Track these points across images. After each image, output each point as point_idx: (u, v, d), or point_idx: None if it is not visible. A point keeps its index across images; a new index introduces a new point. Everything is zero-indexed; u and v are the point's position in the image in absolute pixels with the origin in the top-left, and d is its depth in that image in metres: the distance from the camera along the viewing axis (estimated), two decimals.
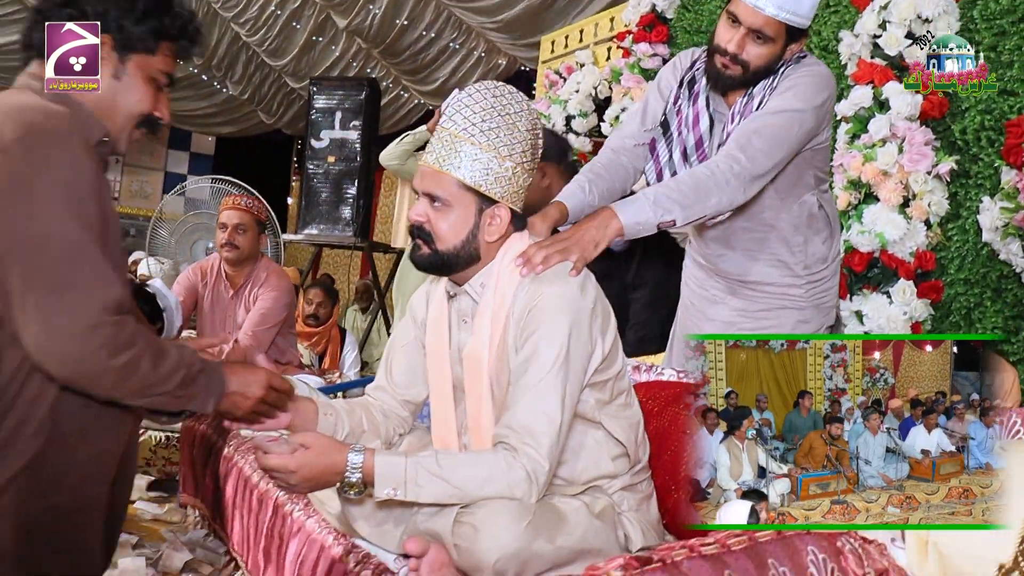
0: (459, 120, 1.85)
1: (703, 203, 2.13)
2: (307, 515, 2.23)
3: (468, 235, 1.89)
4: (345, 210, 6.33)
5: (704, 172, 2.17)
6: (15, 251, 1.37)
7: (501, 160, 1.84)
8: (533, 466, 1.72)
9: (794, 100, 2.25)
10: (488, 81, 1.93)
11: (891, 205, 3.07)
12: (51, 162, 1.42)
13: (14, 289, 1.38)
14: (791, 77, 2.30)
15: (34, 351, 1.38)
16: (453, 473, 1.71)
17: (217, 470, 2.94)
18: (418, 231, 1.91)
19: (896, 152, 3.06)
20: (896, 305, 3.02)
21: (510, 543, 1.66)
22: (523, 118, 1.89)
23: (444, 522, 1.72)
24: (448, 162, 1.85)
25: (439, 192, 1.87)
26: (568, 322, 1.81)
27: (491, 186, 1.85)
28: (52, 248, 1.39)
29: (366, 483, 1.71)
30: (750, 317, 2.58)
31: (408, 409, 2.14)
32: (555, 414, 1.76)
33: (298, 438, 1.71)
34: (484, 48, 8.08)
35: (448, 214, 1.87)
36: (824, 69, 2.36)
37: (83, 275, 1.41)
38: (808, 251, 2.51)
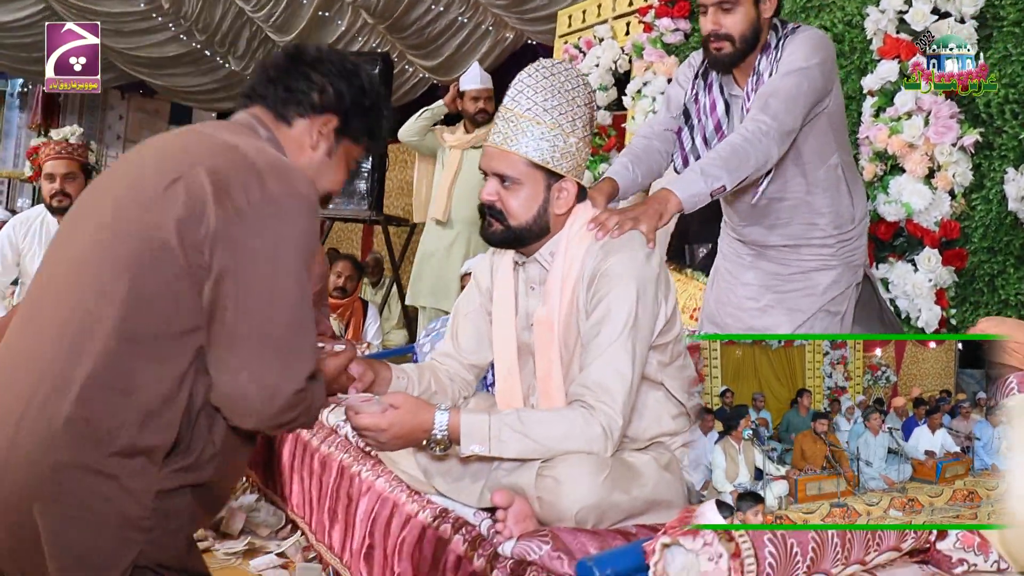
0: (522, 101, 1.95)
1: (745, 165, 2.27)
2: (376, 475, 2.34)
3: (539, 210, 1.99)
4: (360, 184, 6.37)
5: (737, 138, 2.31)
6: (249, 298, 1.43)
7: (565, 137, 1.94)
8: (608, 422, 1.83)
9: (796, 60, 2.41)
10: (544, 60, 2.02)
11: (917, 176, 3.17)
12: (299, 228, 1.48)
13: (235, 332, 1.42)
14: (791, 46, 2.46)
15: (230, 393, 1.43)
16: (534, 429, 1.82)
17: (269, 436, 3.04)
18: (489, 210, 2.00)
19: (922, 125, 3.15)
20: (921, 272, 3.13)
21: (590, 495, 1.77)
22: (580, 93, 1.99)
23: (527, 476, 1.83)
24: (515, 142, 1.93)
25: (508, 171, 1.96)
26: (636, 286, 1.91)
27: (558, 162, 1.95)
28: (286, 311, 1.45)
29: (451, 440, 1.82)
30: (784, 279, 2.72)
31: (473, 373, 2.24)
32: (627, 372, 1.87)
33: (388, 399, 1.81)
34: (491, 22, 8.11)
35: (518, 192, 1.97)
36: (818, 32, 2.54)
37: (304, 343, 1.49)
38: (837, 212, 2.65)
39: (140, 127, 11.84)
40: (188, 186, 1.44)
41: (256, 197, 1.45)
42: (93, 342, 1.39)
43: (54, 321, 1.44)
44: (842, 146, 2.66)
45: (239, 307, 1.43)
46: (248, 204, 1.44)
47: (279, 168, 1.51)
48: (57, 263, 1.55)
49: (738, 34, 2.46)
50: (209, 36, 9.77)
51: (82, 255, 1.48)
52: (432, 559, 1.96)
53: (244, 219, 1.43)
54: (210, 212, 1.42)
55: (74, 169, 4.00)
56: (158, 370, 1.40)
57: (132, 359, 1.39)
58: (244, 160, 1.49)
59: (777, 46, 2.48)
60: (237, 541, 2.82)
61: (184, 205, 1.43)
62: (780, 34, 2.50)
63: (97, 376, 1.37)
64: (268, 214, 1.45)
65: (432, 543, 1.98)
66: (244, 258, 1.43)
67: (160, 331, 1.41)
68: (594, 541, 1.71)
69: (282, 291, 1.45)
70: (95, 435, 1.36)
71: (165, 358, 1.41)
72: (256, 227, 1.44)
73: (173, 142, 1.61)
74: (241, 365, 1.43)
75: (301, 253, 1.49)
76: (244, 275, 1.43)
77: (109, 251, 1.45)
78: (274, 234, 1.45)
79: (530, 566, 1.71)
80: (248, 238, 1.43)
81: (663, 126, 2.69)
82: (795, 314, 2.68)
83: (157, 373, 1.40)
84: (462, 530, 1.93)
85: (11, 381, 1.43)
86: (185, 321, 1.42)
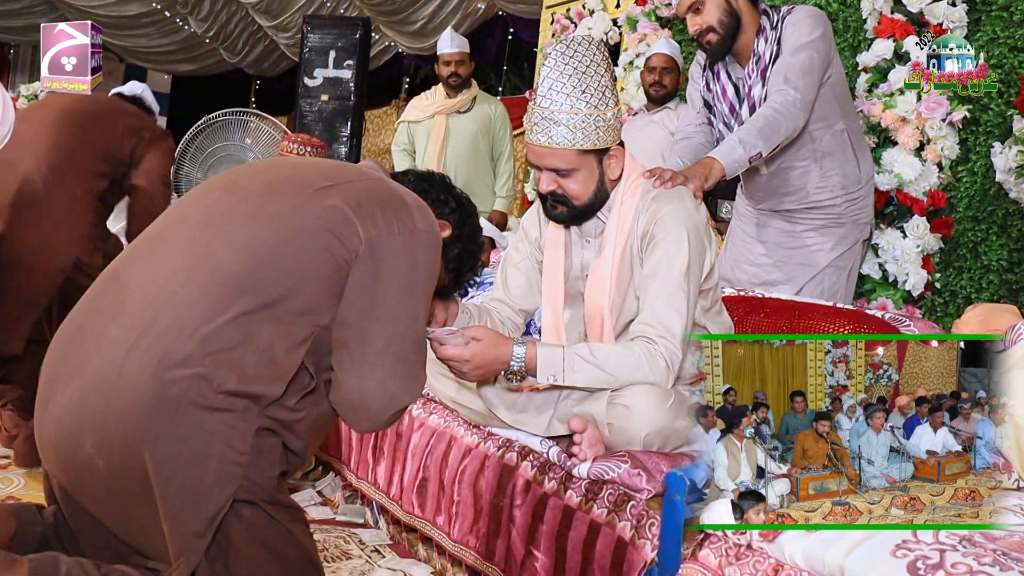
0: (555, 97, 2.02)
1: (777, 133, 2.53)
2: (428, 412, 2.47)
3: (598, 184, 2.12)
4: (340, 149, 6.46)
5: (769, 110, 2.55)
6: (386, 310, 1.58)
7: (603, 113, 2.04)
8: (670, 356, 1.99)
9: (801, 37, 2.67)
10: (559, 44, 2.08)
11: (908, 149, 3.40)
12: (432, 259, 1.66)
13: (368, 340, 1.57)
14: (789, 23, 2.72)
15: (353, 398, 1.58)
16: (605, 361, 1.97)
17: None
18: (552, 196, 2.12)
19: (914, 100, 3.38)
20: (910, 239, 3.36)
21: (657, 420, 1.94)
22: (601, 63, 2.07)
23: (597, 406, 1.99)
24: (560, 137, 2.02)
25: (561, 165, 2.07)
26: (689, 233, 2.07)
27: (601, 140, 2.06)
28: (415, 329, 1.62)
29: (527, 372, 1.97)
30: (795, 236, 2.96)
31: (522, 317, 2.39)
32: (684, 311, 2.03)
33: (470, 331, 1.94)
34: None
35: (575, 176, 2.09)
36: (813, 8, 2.80)
37: (424, 361, 1.67)
38: (844, 174, 2.92)
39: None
40: (343, 192, 1.61)
41: (408, 225, 1.62)
42: (224, 290, 1.47)
43: (181, 263, 1.52)
44: (847, 113, 2.90)
45: (375, 316, 1.57)
46: (399, 229, 1.60)
47: (423, 208, 1.69)
48: (184, 217, 1.63)
49: (716, 21, 2.72)
50: None
51: (219, 213, 1.59)
52: (497, 485, 2.10)
53: (393, 239, 1.59)
54: (361, 221, 1.57)
55: None
56: (280, 331, 1.50)
57: (258, 315, 1.48)
58: (394, 192, 1.68)
59: (775, 27, 2.71)
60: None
61: (337, 204, 1.58)
62: (774, 17, 2.75)
63: (225, 323, 1.46)
64: (414, 242, 1.62)
65: (496, 471, 2.12)
66: (387, 272, 1.58)
67: (290, 300, 1.51)
68: (666, 460, 1.87)
69: (414, 310, 1.62)
70: (208, 375, 1.43)
71: (288, 323, 1.51)
72: (402, 249, 1.60)
73: (319, 162, 1.80)
74: (371, 372, 1.57)
75: (431, 281, 1.67)
76: (384, 288, 1.57)
77: (255, 213, 1.57)
78: (414, 259, 1.62)
79: (607, 484, 1.86)
80: (393, 256, 1.59)
81: (696, 122, 2.99)
82: (806, 268, 2.92)
83: (278, 334, 1.50)
84: (529, 457, 2.07)
85: (123, 307, 1.49)
86: (316, 299, 1.54)
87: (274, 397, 1.51)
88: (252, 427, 1.49)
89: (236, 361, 1.46)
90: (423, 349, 1.68)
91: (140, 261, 1.59)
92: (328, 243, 1.55)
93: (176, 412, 1.42)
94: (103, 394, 1.42)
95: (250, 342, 1.47)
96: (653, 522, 1.73)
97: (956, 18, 3.33)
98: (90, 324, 1.52)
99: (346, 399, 1.59)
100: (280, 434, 1.55)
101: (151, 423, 1.41)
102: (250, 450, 1.48)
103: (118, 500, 1.47)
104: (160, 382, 1.41)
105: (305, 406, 1.58)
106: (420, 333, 1.65)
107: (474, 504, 2.18)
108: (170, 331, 1.44)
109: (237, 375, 1.45)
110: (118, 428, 1.41)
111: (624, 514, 1.79)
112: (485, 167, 4.98)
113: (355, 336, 1.57)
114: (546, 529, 1.94)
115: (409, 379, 1.62)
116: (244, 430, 1.47)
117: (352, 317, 1.57)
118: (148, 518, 1.44)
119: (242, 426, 1.47)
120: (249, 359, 1.47)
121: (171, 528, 1.43)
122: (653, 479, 1.81)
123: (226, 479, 1.46)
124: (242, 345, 1.47)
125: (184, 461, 1.43)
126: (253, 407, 1.48)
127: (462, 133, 4.92)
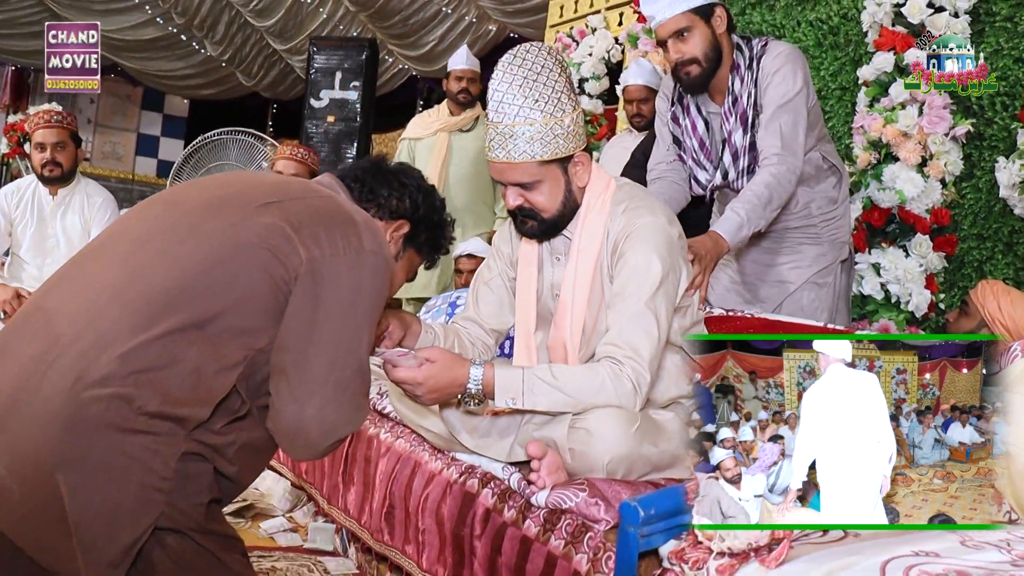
0: (507, 110, 1.92)
1: (775, 205, 2.55)
2: (395, 436, 2.37)
3: (565, 194, 2.02)
4: None
5: (771, 181, 2.54)
6: (325, 335, 1.49)
7: (559, 120, 1.94)
8: (637, 377, 1.88)
9: (788, 84, 2.61)
10: (506, 56, 1.97)
11: (910, 164, 3.28)
12: (379, 283, 1.56)
13: (307, 366, 1.48)
14: (768, 67, 2.64)
15: (290, 425, 1.49)
16: (566, 383, 1.87)
17: None
18: (520, 211, 2.03)
19: (916, 115, 3.26)
20: (913, 258, 3.24)
21: (621, 445, 1.83)
22: (551, 67, 1.96)
23: (558, 430, 1.89)
24: (518, 152, 1.93)
25: (523, 179, 1.97)
26: (661, 248, 1.97)
27: (562, 148, 1.96)
28: (356, 356, 1.52)
29: (485, 394, 1.87)
30: (771, 254, 2.93)
31: (493, 337, 2.28)
32: (653, 331, 1.92)
33: (423, 353, 1.85)
34: (475, 14, 8.16)
35: (541, 189, 1.99)
36: (789, 47, 2.71)
37: (366, 389, 1.57)
38: (823, 195, 2.87)
39: (112, 112, 11.69)
40: (285, 210, 1.52)
41: (353, 245, 1.53)
42: (151, 308, 1.40)
43: (111, 281, 1.45)
44: (821, 138, 2.86)
45: (315, 340, 1.48)
46: (344, 250, 1.52)
47: (372, 227, 1.60)
48: (123, 232, 1.56)
49: (701, 54, 2.62)
50: (188, 20, 9.71)
51: (157, 228, 1.52)
52: (459, 514, 2.00)
53: (336, 260, 1.50)
54: (302, 241, 1.48)
55: (64, 138, 3.96)
56: (210, 352, 1.42)
57: (187, 335, 1.41)
58: (342, 210, 1.59)
59: (750, 66, 2.65)
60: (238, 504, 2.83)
61: (277, 222, 1.49)
62: (748, 53, 2.67)
63: (148, 341, 1.38)
64: (359, 263, 1.53)
65: (458, 498, 2.02)
66: (328, 295, 1.49)
67: (223, 321, 1.44)
68: (628, 489, 1.76)
69: (357, 336, 1.53)
70: (128, 396, 1.36)
71: (220, 344, 1.43)
72: (346, 271, 1.51)
73: (265, 177, 1.70)
74: (309, 400, 1.48)
75: (377, 305, 1.57)
76: (325, 312, 1.49)
77: (191, 230, 1.49)
78: (359, 282, 1.52)
79: (564, 514, 1.76)
80: (336, 278, 1.50)
81: (667, 160, 2.90)
82: (785, 285, 2.88)
83: (208, 355, 1.42)
84: (490, 484, 1.97)
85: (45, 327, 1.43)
86: (252, 320, 1.46)
87: (199, 420, 1.43)
88: (176, 451, 1.41)
89: (160, 382, 1.38)
90: (366, 377, 1.58)
91: (68, 280, 1.52)
92: (265, 262, 1.47)
93: (93, 434, 1.34)
94: (18, 415, 1.35)
95: (176, 362, 1.40)
96: (610, 555, 1.63)
97: (959, 29, 3.22)
98: (13, 344, 1.45)
99: (283, 427, 1.50)
100: (210, 459, 1.47)
101: (65, 445, 1.33)
102: (174, 475, 1.40)
103: (33, 526, 1.40)
104: (76, 402, 1.34)
105: (233, 431, 1.49)
106: (363, 360, 1.56)
107: (439, 532, 2.08)
108: (90, 350, 1.37)
109: (160, 396, 1.38)
110: (31, 450, 1.34)
111: (581, 546, 1.69)
112: (486, 187, 4.89)
113: (293, 361, 1.48)
114: (504, 561, 1.84)
115: (350, 408, 1.53)
116: (167, 454, 1.39)
117: (291, 341, 1.48)
118: (63, 545, 1.37)
119: (164, 450, 1.39)
120: (174, 380, 1.39)
121: (85, 557, 1.36)
122: (612, 509, 1.71)
123: (146, 505, 1.39)
124: (167, 365, 1.39)
125: (100, 486, 1.36)
126: (178, 430, 1.41)
127: (464, 152, 4.84)
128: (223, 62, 10.56)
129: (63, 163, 3.96)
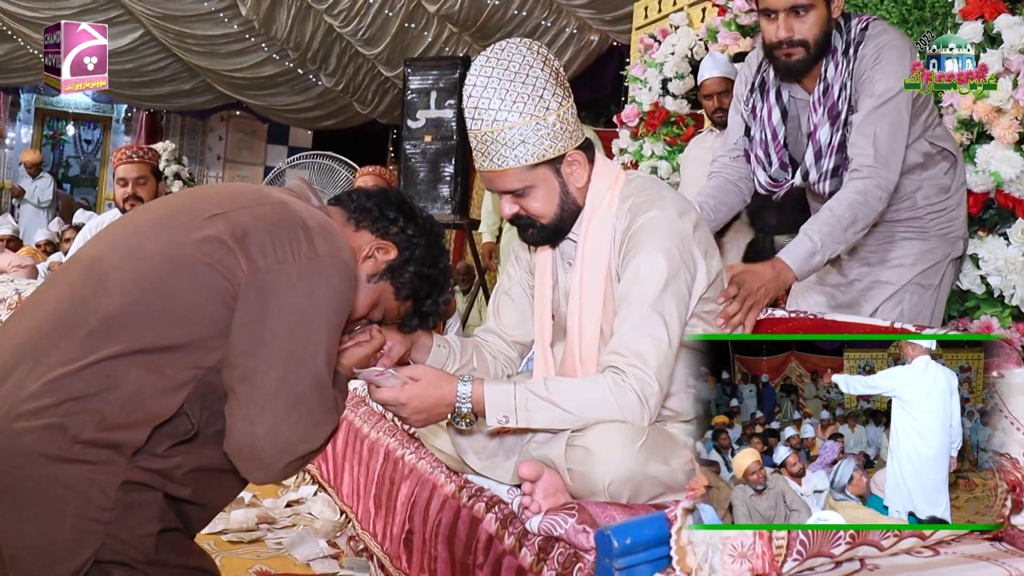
0: (483, 116, 1.80)
1: (860, 228, 2.28)
2: (418, 457, 2.26)
3: (561, 197, 1.88)
4: (443, 188, 6.39)
5: (856, 200, 2.26)
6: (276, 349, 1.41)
7: (543, 120, 1.80)
8: (642, 387, 1.71)
9: (890, 80, 2.31)
10: (477, 59, 1.84)
11: (1006, 143, 2.95)
12: (335, 288, 1.48)
13: (257, 383, 1.40)
14: (868, 56, 2.34)
15: (243, 444, 1.41)
16: (563, 398, 1.71)
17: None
18: (517, 219, 1.91)
19: (1011, 88, 2.94)
20: (1014, 246, 2.90)
21: (624, 465, 1.66)
22: (531, 62, 1.81)
23: (557, 447, 1.73)
24: (502, 159, 1.81)
25: (513, 185, 1.85)
26: (668, 244, 1.79)
27: (549, 149, 1.82)
28: (313, 369, 1.44)
29: (477, 413, 1.73)
30: (873, 251, 2.59)
31: (517, 350, 2.16)
32: (661, 335, 1.74)
33: (407, 371, 1.73)
34: (576, 26, 8.06)
35: (534, 194, 1.86)
36: (894, 32, 2.39)
37: (326, 404, 1.48)
38: (933, 183, 2.53)
39: (239, 147, 12.21)
40: (230, 221, 1.45)
41: (304, 252, 1.45)
42: (89, 334, 1.36)
43: (55, 308, 1.42)
44: (929, 125, 2.51)
45: (262, 355, 1.40)
46: (294, 257, 1.44)
47: (328, 230, 1.51)
48: (79, 257, 1.54)
49: (813, 39, 2.34)
50: (301, 54, 10.01)
51: (107, 250, 1.48)
52: (466, 540, 1.87)
53: (285, 269, 1.43)
54: (245, 252, 1.41)
55: (145, 173, 4.09)
56: (151, 375, 1.37)
57: (127, 359, 1.36)
58: (293, 216, 1.49)
59: (846, 52, 2.36)
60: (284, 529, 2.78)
61: (218, 235, 1.42)
62: (847, 36, 2.37)
63: (84, 367, 1.34)
64: (312, 270, 1.44)
65: (467, 523, 1.89)
66: (277, 306, 1.41)
67: (165, 341, 1.38)
68: (625, 514, 1.59)
69: (312, 347, 1.44)
70: (62, 424, 1.32)
71: (163, 366, 1.38)
72: (296, 280, 1.43)
73: (222, 188, 1.62)
74: (260, 418, 1.40)
75: (335, 314, 1.48)
76: (274, 324, 1.41)
77: (133, 251, 1.45)
78: (312, 289, 1.44)
79: (557, 543, 1.60)
80: (285, 288, 1.42)
81: (732, 153, 2.65)
82: (884, 287, 2.53)
83: (149, 378, 1.37)
84: (495, 508, 1.83)
85: None
86: (196, 339, 1.39)
87: (137, 445, 1.37)
88: (115, 480, 1.36)
89: (95, 408, 1.34)
90: (325, 390, 1.48)
91: (21, 311, 1.51)
92: (206, 278, 1.41)
93: (26, 464, 1.31)
94: None
95: (114, 387, 1.35)
96: None
97: None
98: None
99: (236, 448, 1.43)
100: (157, 486, 1.41)
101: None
102: (114, 505, 1.35)
103: None
104: (7, 433, 1.31)
105: (179, 453, 1.43)
106: (320, 372, 1.46)
107: (449, 560, 1.96)
108: (26, 379, 1.34)
109: (95, 423, 1.33)
110: None
111: None
112: None
113: (241, 378, 1.41)
114: None
115: (307, 424, 1.44)
116: (105, 483, 1.35)
117: (237, 358, 1.41)
118: None
119: (103, 479, 1.35)
120: (111, 405, 1.35)
121: None
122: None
123: (84, 537, 1.34)
124: (105, 390, 1.35)
125: (35, 518, 1.33)
126: (116, 458, 1.36)
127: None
128: (339, 92, 10.83)
129: (144, 197, 4.07)
